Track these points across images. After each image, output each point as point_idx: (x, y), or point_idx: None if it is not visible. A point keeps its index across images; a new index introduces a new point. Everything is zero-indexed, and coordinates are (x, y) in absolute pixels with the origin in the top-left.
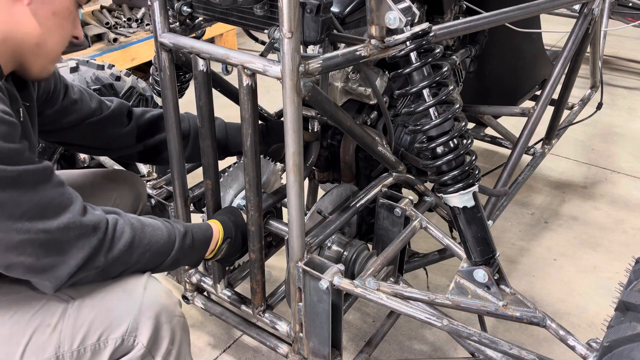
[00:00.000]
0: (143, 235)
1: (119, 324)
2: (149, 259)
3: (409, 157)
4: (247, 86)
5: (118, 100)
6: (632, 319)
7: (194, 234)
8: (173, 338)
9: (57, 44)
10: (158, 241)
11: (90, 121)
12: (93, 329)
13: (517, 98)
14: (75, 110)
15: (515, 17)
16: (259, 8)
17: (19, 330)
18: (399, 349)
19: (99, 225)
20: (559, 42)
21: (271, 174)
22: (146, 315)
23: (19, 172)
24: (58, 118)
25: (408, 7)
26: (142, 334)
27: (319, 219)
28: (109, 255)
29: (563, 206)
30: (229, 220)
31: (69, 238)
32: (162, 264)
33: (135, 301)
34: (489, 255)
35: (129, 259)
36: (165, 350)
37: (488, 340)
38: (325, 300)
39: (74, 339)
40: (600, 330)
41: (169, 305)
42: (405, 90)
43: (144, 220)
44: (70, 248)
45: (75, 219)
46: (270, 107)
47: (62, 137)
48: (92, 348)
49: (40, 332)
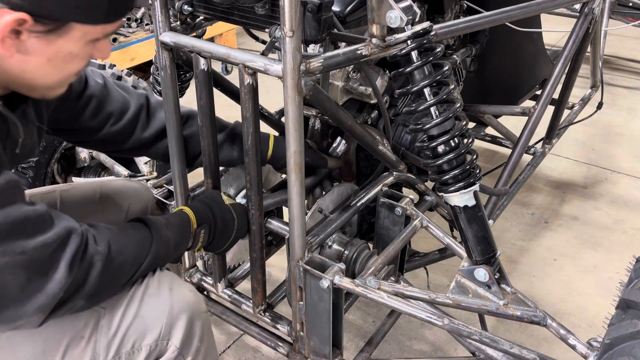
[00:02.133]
0: (119, 233)
1: (152, 329)
2: (131, 255)
3: (410, 156)
4: (248, 85)
5: (135, 102)
6: (634, 316)
7: (168, 220)
8: (202, 336)
9: (56, 81)
10: (135, 236)
11: (109, 131)
12: (127, 337)
13: (518, 97)
14: (94, 116)
15: (516, 16)
16: (260, 7)
17: (52, 346)
18: (400, 348)
19: (72, 230)
20: (559, 41)
21: (271, 173)
22: (177, 317)
23: None
24: (74, 121)
25: (409, 6)
26: (174, 336)
27: (319, 218)
28: (97, 250)
29: (563, 206)
30: (202, 206)
31: (48, 253)
32: (146, 258)
33: (165, 304)
34: (490, 254)
35: (118, 256)
36: (195, 348)
37: (489, 339)
38: (326, 299)
39: (110, 349)
40: (600, 329)
41: (196, 303)
42: (406, 90)
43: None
44: (52, 261)
45: (49, 234)
46: (271, 107)
47: (81, 138)
48: (126, 356)
49: (75, 345)
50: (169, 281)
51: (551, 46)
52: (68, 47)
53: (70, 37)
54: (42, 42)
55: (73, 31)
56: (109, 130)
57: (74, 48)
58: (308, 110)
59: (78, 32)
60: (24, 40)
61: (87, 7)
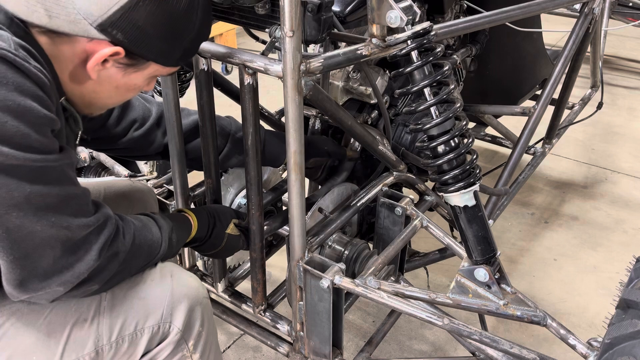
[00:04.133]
0: (141, 228)
1: (154, 312)
2: (147, 251)
3: (410, 156)
4: (249, 85)
5: (156, 109)
6: (634, 316)
7: (176, 230)
8: (203, 320)
9: (111, 104)
10: (154, 232)
11: (132, 136)
12: (130, 318)
13: (518, 97)
14: (118, 122)
15: (516, 16)
16: (260, 7)
17: (56, 329)
18: (400, 348)
19: (109, 218)
20: (559, 41)
21: (271, 173)
22: (179, 301)
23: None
24: (99, 129)
25: (409, 6)
26: (176, 319)
27: (319, 218)
28: (123, 242)
29: (563, 206)
30: (206, 224)
31: (86, 234)
32: (156, 255)
33: (166, 288)
34: (490, 254)
35: (137, 250)
36: (197, 332)
37: (489, 339)
38: (326, 299)
39: (112, 331)
40: (600, 329)
41: (198, 288)
42: (406, 89)
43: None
44: (87, 243)
45: (92, 217)
46: (270, 107)
47: (107, 145)
48: (129, 338)
49: (79, 327)
50: (170, 268)
51: (551, 46)
52: (137, 79)
53: (144, 72)
54: (120, 72)
55: (148, 68)
56: (133, 135)
57: (140, 81)
58: (308, 110)
59: (151, 70)
60: (107, 68)
61: (167, 52)
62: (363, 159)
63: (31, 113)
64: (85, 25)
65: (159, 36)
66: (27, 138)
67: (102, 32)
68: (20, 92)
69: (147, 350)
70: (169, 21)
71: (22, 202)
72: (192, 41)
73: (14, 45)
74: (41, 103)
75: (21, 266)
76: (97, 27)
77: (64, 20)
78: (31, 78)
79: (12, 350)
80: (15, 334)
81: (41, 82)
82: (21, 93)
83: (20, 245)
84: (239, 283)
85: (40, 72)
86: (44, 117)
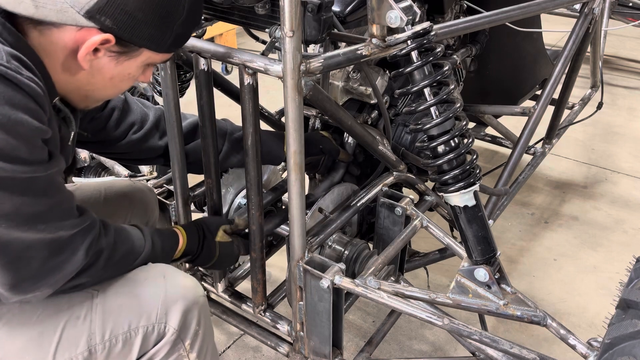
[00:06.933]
0: (120, 228)
1: (147, 311)
2: (129, 247)
3: (410, 156)
4: (249, 85)
5: (154, 114)
6: (634, 316)
7: (160, 236)
8: (200, 319)
9: (107, 96)
10: (130, 235)
11: (130, 139)
12: (122, 316)
13: (518, 97)
14: (117, 125)
15: (516, 16)
16: (260, 7)
17: (48, 328)
18: (400, 348)
19: (94, 220)
20: (559, 41)
21: (272, 173)
22: (173, 300)
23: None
24: (98, 132)
25: (409, 6)
26: (172, 319)
27: (319, 218)
28: (106, 239)
29: (563, 206)
30: (195, 237)
31: (73, 235)
32: (140, 254)
33: (160, 288)
34: (490, 254)
35: (120, 246)
36: (194, 332)
37: (489, 339)
38: (326, 299)
39: (105, 329)
40: (600, 329)
41: (193, 288)
42: (406, 90)
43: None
44: (74, 244)
45: (77, 220)
46: (270, 107)
47: (105, 148)
48: (123, 337)
49: (71, 325)
50: (162, 269)
51: (551, 46)
52: (131, 68)
53: (137, 60)
54: (113, 61)
55: (141, 56)
56: (131, 139)
57: (133, 70)
58: (308, 110)
59: (144, 57)
60: (99, 57)
61: (158, 37)
62: (363, 159)
63: (22, 126)
64: (73, 13)
65: (148, 21)
66: (16, 150)
67: (90, 19)
68: (12, 105)
69: (144, 353)
70: (157, 4)
71: (11, 212)
72: (182, 25)
73: (6, 57)
74: (33, 115)
75: (12, 270)
76: (84, 14)
77: (51, 9)
78: (23, 90)
79: (4, 352)
80: (7, 335)
81: (34, 93)
82: (12, 107)
83: (10, 251)
84: (239, 283)
85: (32, 81)
86: (35, 130)
